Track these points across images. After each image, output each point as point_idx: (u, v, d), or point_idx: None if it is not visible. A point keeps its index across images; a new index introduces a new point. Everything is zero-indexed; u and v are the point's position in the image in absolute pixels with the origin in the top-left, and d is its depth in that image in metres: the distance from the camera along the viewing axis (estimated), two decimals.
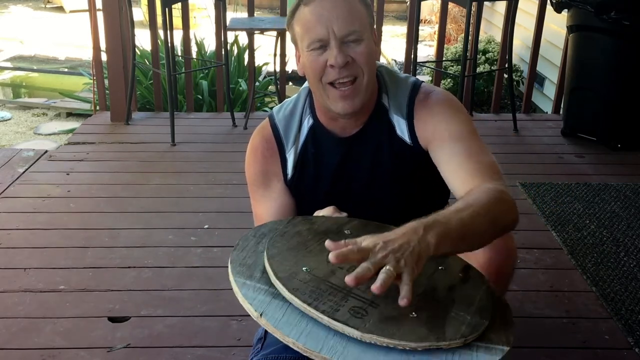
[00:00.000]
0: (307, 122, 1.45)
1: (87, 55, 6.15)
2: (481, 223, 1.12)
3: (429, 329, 0.99)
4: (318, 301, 1.03)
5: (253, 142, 1.50)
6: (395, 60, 6.79)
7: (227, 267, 1.15)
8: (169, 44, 3.57)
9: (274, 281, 1.10)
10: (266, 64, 5.38)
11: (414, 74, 3.85)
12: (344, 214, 1.35)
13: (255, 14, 4.04)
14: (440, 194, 1.57)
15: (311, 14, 1.28)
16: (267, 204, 1.46)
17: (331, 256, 0.99)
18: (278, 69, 3.90)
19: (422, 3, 3.59)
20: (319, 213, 1.37)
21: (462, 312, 1.04)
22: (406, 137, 1.40)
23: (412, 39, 3.80)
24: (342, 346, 0.98)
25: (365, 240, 1.01)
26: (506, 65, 3.72)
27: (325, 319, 1.00)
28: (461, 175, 1.29)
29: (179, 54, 4.23)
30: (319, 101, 1.39)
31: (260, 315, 1.05)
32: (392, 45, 7.45)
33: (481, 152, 1.33)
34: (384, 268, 0.96)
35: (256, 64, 4.35)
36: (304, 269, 1.12)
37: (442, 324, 1.01)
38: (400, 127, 1.40)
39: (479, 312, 1.04)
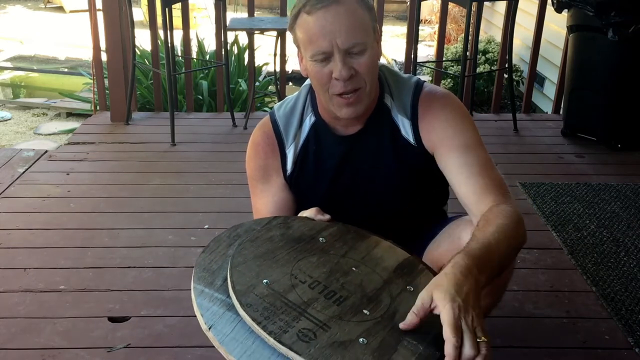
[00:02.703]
0: (309, 120, 1.46)
1: (87, 55, 6.16)
2: (510, 255, 1.22)
3: (375, 358, 0.97)
4: (268, 320, 1.02)
5: (254, 137, 1.51)
6: (395, 60, 6.79)
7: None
8: (169, 44, 3.57)
9: (231, 293, 1.09)
10: (266, 64, 5.37)
11: (414, 74, 3.84)
12: (327, 217, 1.34)
13: (255, 14, 4.04)
14: (439, 194, 1.57)
15: (314, 25, 1.27)
16: (266, 199, 1.47)
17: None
18: (278, 69, 3.90)
19: (422, 3, 3.59)
20: (303, 214, 1.37)
21: (415, 342, 1.01)
22: (410, 137, 1.41)
23: (412, 39, 3.80)
24: None
25: (443, 313, 0.99)
26: (506, 65, 3.72)
27: (271, 341, 0.99)
28: (473, 189, 1.33)
29: (179, 54, 4.23)
30: (322, 101, 1.39)
31: (209, 328, 1.05)
32: (392, 45, 7.45)
33: (490, 165, 1.36)
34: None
35: (256, 64, 4.35)
36: (264, 281, 1.11)
37: (391, 352, 0.99)
38: (405, 127, 1.41)
39: (435, 342, 1.01)
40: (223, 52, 3.77)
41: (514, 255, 1.25)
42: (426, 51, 7.11)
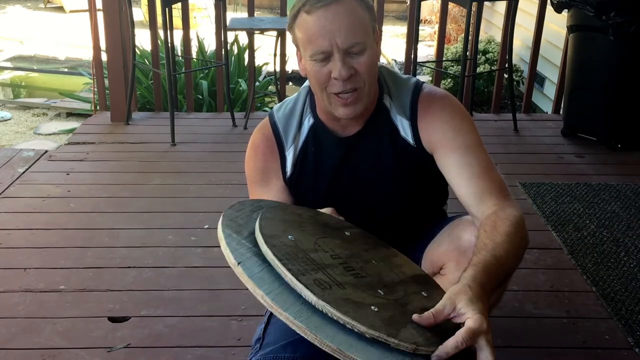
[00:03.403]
0: (308, 122, 1.46)
1: (87, 55, 6.16)
2: (515, 264, 1.23)
3: (384, 323, 0.98)
4: (289, 261, 1.04)
5: (253, 139, 1.51)
6: (395, 60, 6.79)
7: (219, 227, 1.16)
8: (169, 44, 3.57)
9: (257, 235, 1.10)
10: (266, 64, 5.37)
11: (414, 74, 3.85)
12: (341, 218, 1.35)
13: (255, 14, 4.04)
14: (439, 194, 1.57)
15: (314, 25, 1.27)
16: None
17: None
18: (278, 69, 3.90)
19: (422, 3, 3.59)
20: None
21: (422, 329, 1.01)
22: (409, 138, 1.41)
23: (412, 39, 3.80)
24: (308, 314, 0.97)
25: (477, 323, 1.00)
26: (506, 65, 3.72)
27: (288, 276, 1.01)
28: (473, 191, 1.33)
29: (179, 54, 4.23)
30: (320, 102, 1.39)
31: (238, 264, 1.06)
32: (392, 45, 7.45)
33: (491, 167, 1.37)
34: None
35: (256, 64, 4.35)
36: (289, 237, 1.13)
37: (399, 327, 0.99)
38: (404, 128, 1.41)
39: (441, 335, 1.01)
40: (223, 52, 3.77)
41: (519, 261, 1.26)
42: (426, 51, 7.11)
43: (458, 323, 1.01)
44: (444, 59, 4.72)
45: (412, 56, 3.80)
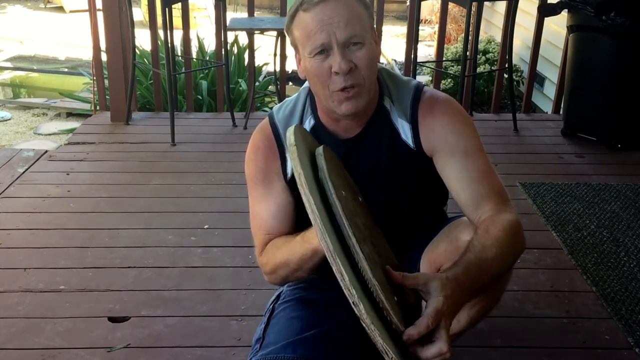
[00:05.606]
0: (309, 123, 1.46)
1: (87, 55, 6.15)
2: (504, 268, 1.26)
3: (404, 318, 1.05)
4: (351, 223, 1.10)
5: (254, 140, 1.50)
6: (395, 60, 6.79)
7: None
8: (169, 44, 3.57)
9: (325, 177, 1.15)
10: (266, 64, 5.38)
11: (414, 74, 3.85)
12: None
13: (255, 14, 4.04)
14: (439, 195, 1.57)
15: (312, 20, 1.28)
16: (267, 203, 1.46)
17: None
18: (278, 69, 3.90)
19: (422, 3, 3.59)
20: None
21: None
22: (410, 141, 1.40)
23: (412, 39, 3.80)
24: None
25: (434, 302, 1.05)
26: (506, 65, 3.72)
27: (353, 240, 1.07)
28: (472, 195, 1.33)
29: (179, 54, 4.23)
30: (321, 103, 1.39)
31: (295, 145, 1.16)
32: (392, 45, 7.45)
33: (490, 172, 1.37)
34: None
35: (256, 64, 4.35)
36: (343, 192, 1.17)
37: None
38: (405, 130, 1.41)
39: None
40: (223, 52, 3.77)
41: (509, 266, 1.28)
42: (426, 51, 7.11)
43: (419, 300, 1.10)
44: (444, 59, 4.72)
45: (412, 56, 3.80)
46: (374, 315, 1.01)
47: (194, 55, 4.70)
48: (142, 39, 4.47)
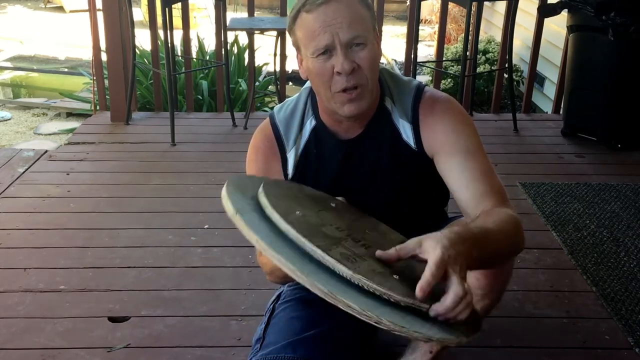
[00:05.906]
0: (310, 123, 1.46)
1: (87, 55, 6.15)
2: (504, 250, 1.23)
3: (412, 289, 1.01)
4: (311, 238, 1.06)
5: (254, 141, 1.50)
6: (395, 60, 6.80)
7: (227, 210, 1.15)
8: (169, 44, 3.57)
9: (270, 213, 1.11)
10: (266, 64, 5.38)
11: (414, 74, 3.85)
12: (320, 192, 1.39)
13: (255, 14, 4.04)
14: (440, 196, 1.57)
15: (315, 21, 1.28)
16: None
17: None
18: (278, 69, 3.90)
19: (422, 3, 3.59)
20: None
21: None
22: (411, 141, 1.41)
23: (412, 39, 3.80)
24: (343, 287, 1.00)
25: (432, 256, 1.01)
26: (506, 65, 3.72)
27: (318, 252, 1.03)
28: (472, 194, 1.33)
29: (179, 54, 4.23)
30: (323, 103, 1.39)
31: (236, 212, 1.08)
32: (392, 45, 7.45)
33: (491, 172, 1.37)
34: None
35: (256, 64, 4.35)
36: (297, 212, 1.14)
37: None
38: (406, 131, 1.41)
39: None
40: (223, 52, 3.77)
41: (509, 255, 1.26)
42: (426, 51, 7.11)
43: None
44: (444, 59, 4.72)
45: (412, 56, 3.80)
46: (397, 314, 0.97)
47: (194, 55, 4.70)
48: (142, 39, 4.47)
